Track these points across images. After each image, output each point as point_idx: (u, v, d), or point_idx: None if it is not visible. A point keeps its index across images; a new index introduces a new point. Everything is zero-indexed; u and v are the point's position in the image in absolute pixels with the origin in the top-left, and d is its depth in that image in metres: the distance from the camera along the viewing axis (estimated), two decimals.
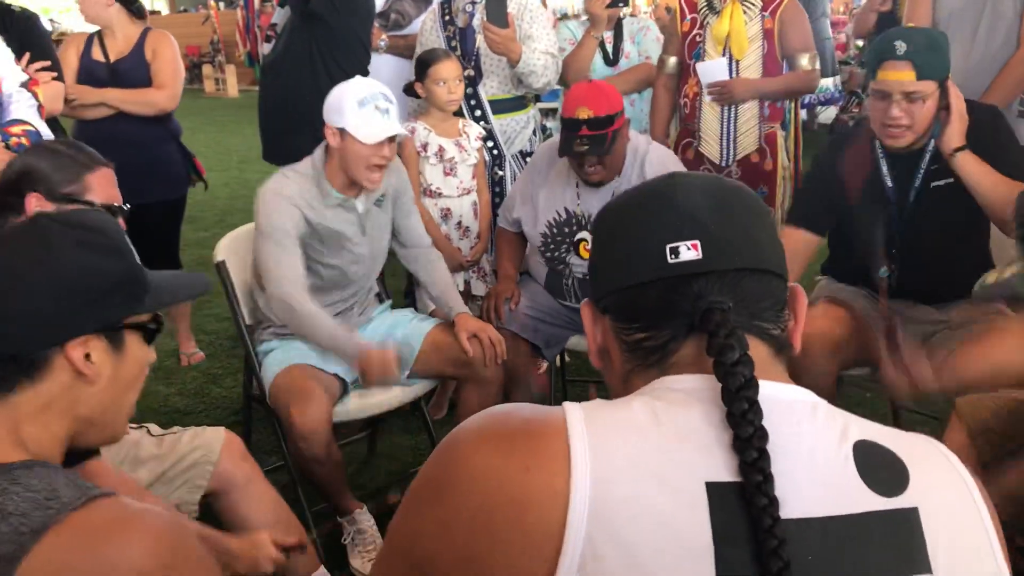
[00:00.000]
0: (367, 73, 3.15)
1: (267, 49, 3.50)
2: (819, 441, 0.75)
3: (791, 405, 0.78)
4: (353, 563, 2.28)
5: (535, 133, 3.27)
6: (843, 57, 8.10)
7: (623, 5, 3.29)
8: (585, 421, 0.75)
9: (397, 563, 0.81)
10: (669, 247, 0.80)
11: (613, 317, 0.86)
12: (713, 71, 3.02)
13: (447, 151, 2.91)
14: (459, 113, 3.01)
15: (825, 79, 6.66)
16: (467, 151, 2.95)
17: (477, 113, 3.09)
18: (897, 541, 0.73)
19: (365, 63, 3.26)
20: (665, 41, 3.31)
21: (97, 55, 3.22)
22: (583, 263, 2.59)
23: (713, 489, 0.71)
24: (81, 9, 3.23)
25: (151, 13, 4.08)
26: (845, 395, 2.48)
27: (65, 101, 3.01)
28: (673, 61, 3.19)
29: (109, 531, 0.86)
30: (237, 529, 1.74)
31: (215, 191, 5.77)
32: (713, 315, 0.78)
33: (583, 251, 2.60)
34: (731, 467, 0.72)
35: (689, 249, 0.80)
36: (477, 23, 3.03)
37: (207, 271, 2.39)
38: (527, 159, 3.09)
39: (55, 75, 2.85)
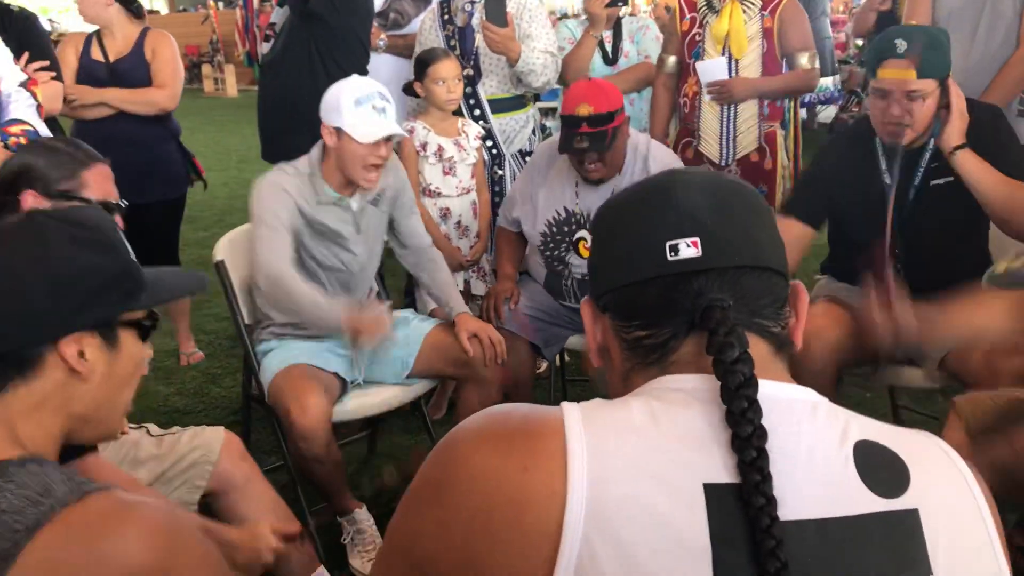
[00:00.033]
0: (366, 72, 3.15)
1: (266, 49, 3.50)
2: (819, 441, 0.75)
3: (791, 404, 0.77)
4: (352, 563, 2.28)
5: (534, 132, 3.27)
6: (843, 56, 8.11)
7: (622, 4, 3.29)
8: (583, 421, 0.75)
9: (397, 563, 0.81)
10: (669, 245, 0.80)
11: (613, 315, 0.85)
12: (712, 70, 3.02)
13: (446, 150, 2.91)
14: (458, 112, 3.01)
15: (824, 78, 6.66)
16: (466, 150, 2.95)
17: (476, 112, 3.09)
18: (897, 543, 0.73)
19: (364, 62, 3.26)
20: (664, 40, 3.31)
21: (96, 55, 3.21)
22: (582, 262, 2.58)
23: (711, 490, 0.71)
24: (80, 9, 3.23)
25: (150, 13, 4.08)
26: (845, 395, 2.48)
27: (64, 101, 3.01)
28: (672, 60, 3.19)
29: (104, 526, 0.85)
30: None
31: (214, 191, 5.76)
32: (713, 313, 0.77)
33: (583, 250, 2.59)
34: (730, 467, 0.72)
35: (689, 247, 0.79)
36: (476, 22, 3.03)
37: (206, 271, 2.38)
38: (526, 158, 3.09)
39: (54, 75, 2.85)
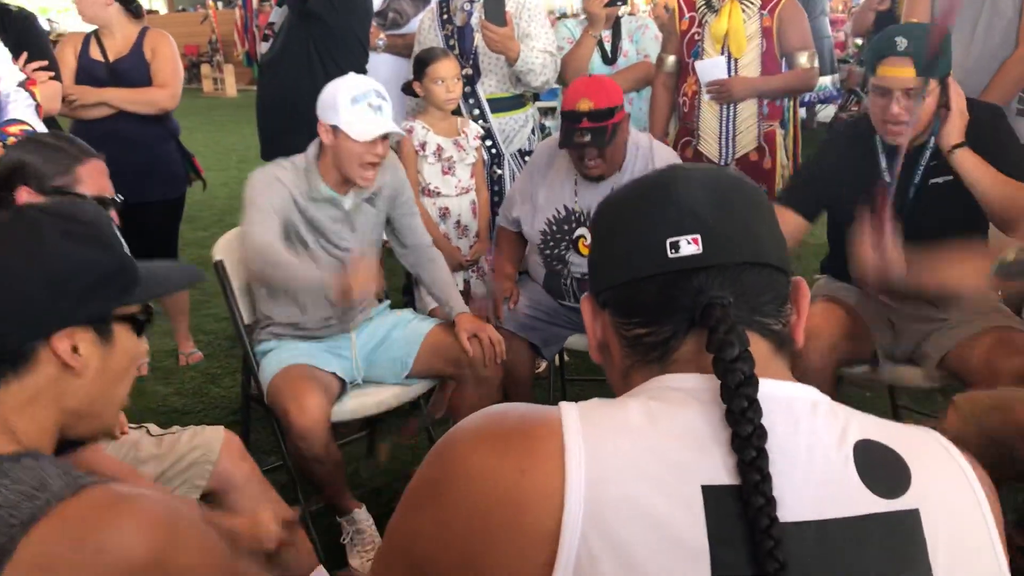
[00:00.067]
0: (365, 72, 3.14)
1: (265, 48, 3.49)
2: (818, 441, 0.75)
3: (791, 403, 0.77)
4: (352, 562, 2.28)
5: (534, 132, 3.27)
6: (842, 55, 8.11)
7: (621, 3, 3.29)
8: (580, 421, 0.74)
9: (396, 563, 0.81)
10: (669, 242, 0.79)
11: (613, 312, 0.85)
12: (712, 69, 3.02)
13: (445, 150, 2.91)
14: (457, 112, 3.00)
15: (824, 77, 6.65)
16: (465, 150, 2.94)
17: (475, 112, 3.08)
18: (897, 543, 0.72)
19: (363, 62, 3.26)
20: (664, 39, 3.30)
21: (96, 54, 3.21)
22: (582, 261, 2.58)
23: (709, 492, 0.70)
24: (79, 9, 3.23)
25: (149, 12, 4.07)
26: (845, 395, 2.47)
27: (63, 100, 3.01)
28: (672, 60, 3.19)
29: (99, 519, 0.84)
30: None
31: (214, 191, 5.75)
32: (714, 310, 0.77)
33: (582, 248, 2.59)
34: (729, 467, 0.71)
35: (689, 243, 0.79)
36: (475, 21, 3.03)
37: (206, 271, 2.39)
38: (526, 158, 3.09)
39: (52, 75, 2.85)
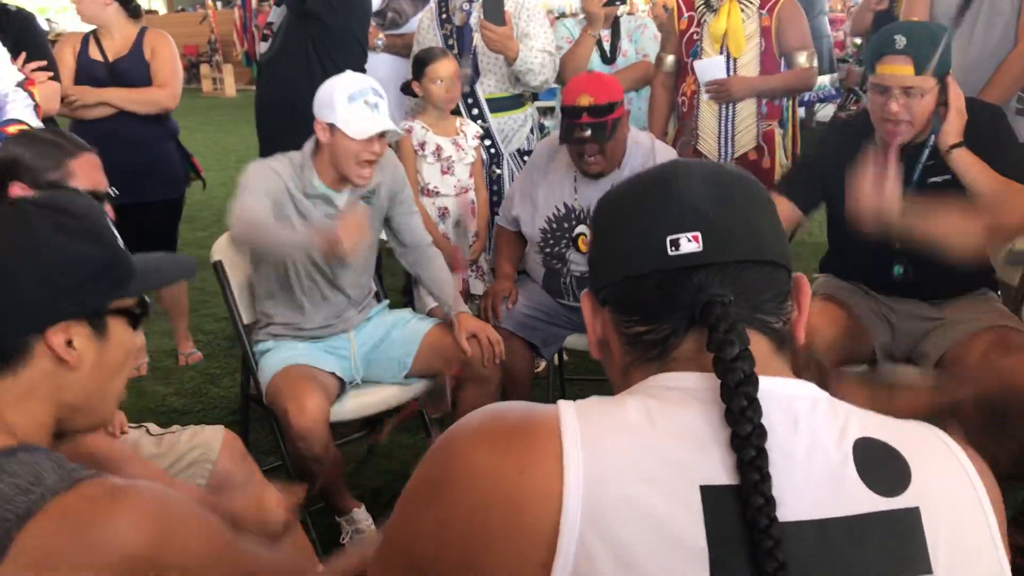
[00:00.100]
0: (364, 72, 3.14)
1: (264, 48, 3.49)
2: (818, 440, 0.74)
3: (790, 402, 0.76)
4: None
5: (533, 131, 3.27)
6: (841, 55, 8.11)
7: (620, 3, 3.29)
8: (579, 420, 0.74)
9: (395, 563, 0.80)
10: (669, 239, 0.79)
11: (612, 309, 0.85)
12: (711, 69, 3.02)
13: (444, 150, 2.91)
14: (456, 112, 3.01)
15: (823, 76, 6.65)
16: (464, 150, 2.94)
17: (475, 112, 3.08)
18: (897, 542, 0.72)
19: (362, 62, 3.25)
20: (663, 39, 3.30)
21: (95, 54, 3.21)
22: (582, 259, 2.58)
23: (708, 492, 0.70)
24: (78, 9, 3.23)
25: (148, 13, 4.08)
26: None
27: (62, 101, 3.01)
28: (671, 59, 3.19)
29: (95, 512, 0.84)
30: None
31: (213, 191, 5.74)
32: (714, 308, 0.77)
33: (582, 245, 2.59)
34: (728, 467, 0.71)
35: (690, 241, 0.78)
36: (474, 21, 3.03)
37: (205, 270, 2.38)
38: (525, 158, 3.09)
39: (51, 75, 2.85)
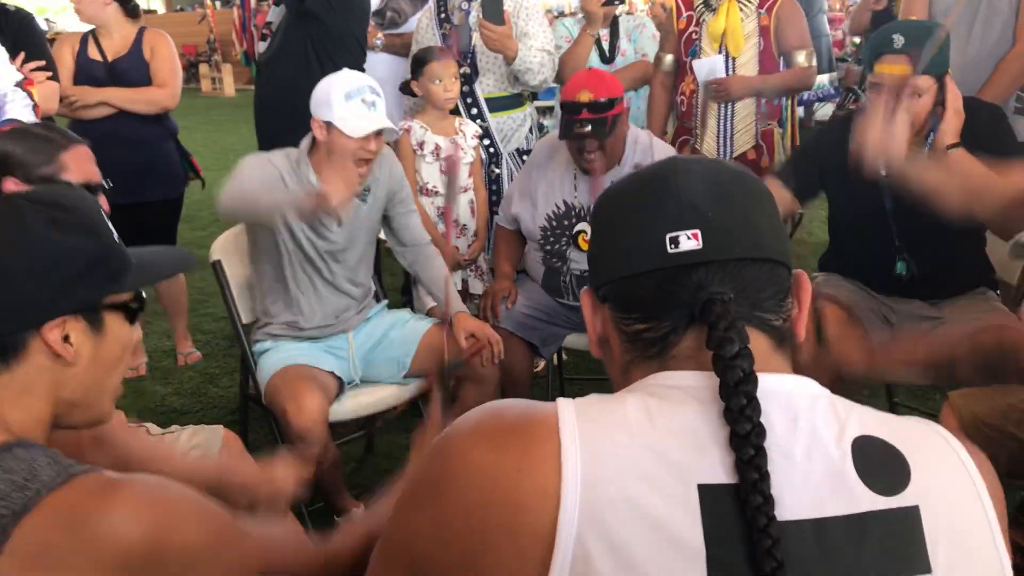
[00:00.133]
0: (363, 71, 3.14)
1: (263, 48, 3.49)
2: (817, 438, 0.74)
3: (790, 399, 0.76)
4: None
5: (532, 131, 3.27)
6: (840, 54, 8.11)
7: (619, 2, 3.29)
8: (577, 418, 0.74)
9: (395, 562, 0.80)
10: (669, 237, 0.79)
11: (612, 306, 0.85)
12: (710, 68, 3.02)
13: (444, 149, 2.90)
14: (455, 111, 3.00)
15: (821, 76, 6.65)
16: (463, 149, 2.94)
17: (473, 111, 3.08)
18: (896, 542, 0.72)
19: (361, 61, 3.25)
20: (661, 38, 3.30)
21: (94, 54, 3.21)
22: (582, 257, 2.58)
23: (706, 491, 0.70)
24: (77, 9, 3.22)
25: (147, 12, 4.08)
26: (842, 392, 2.46)
27: (61, 100, 3.01)
28: (670, 59, 3.19)
29: (91, 506, 0.84)
30: None
31: (212, 190, 5.74)
32: (713, 306, 0.76)
33: (582, 243, 2.59)
34: (727, 466, 0.71)
35: (689, 239, 0.78)
36: (473, 21, 3.03)
37: (204, 270, 2.38)
38: (524, 157, 3.09)
39: (50, 75, 2.85)
